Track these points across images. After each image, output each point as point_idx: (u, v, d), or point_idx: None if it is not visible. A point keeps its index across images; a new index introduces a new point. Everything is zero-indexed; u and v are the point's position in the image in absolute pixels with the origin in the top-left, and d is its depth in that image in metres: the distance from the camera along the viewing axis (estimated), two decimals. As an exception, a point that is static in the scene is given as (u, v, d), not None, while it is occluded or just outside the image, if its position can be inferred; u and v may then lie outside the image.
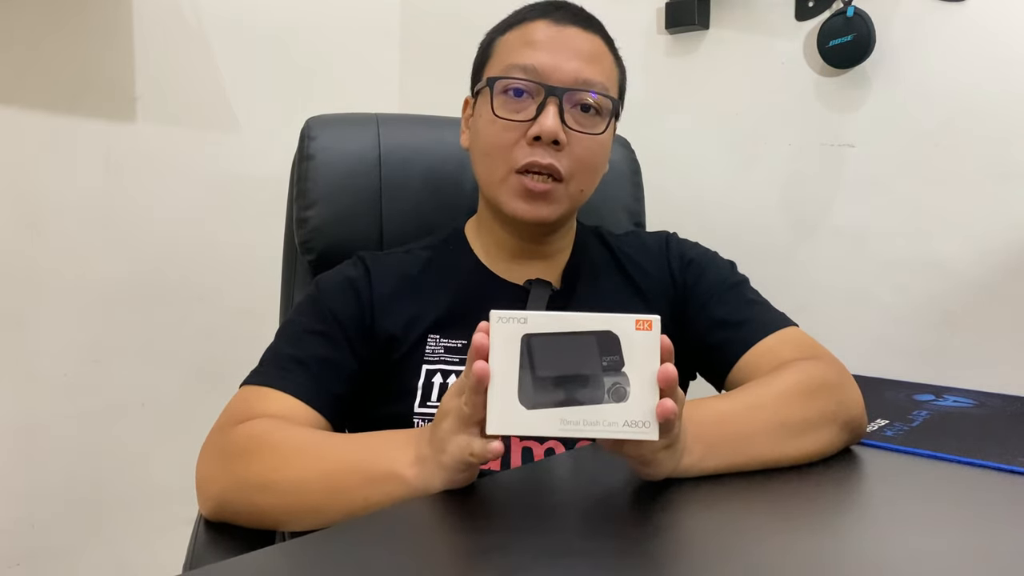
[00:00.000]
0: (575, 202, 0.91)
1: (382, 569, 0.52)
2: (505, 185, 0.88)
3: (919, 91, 1.23)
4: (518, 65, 0.87)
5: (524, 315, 0.57)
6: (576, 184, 0.89)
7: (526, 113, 0.86)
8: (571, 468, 0.74)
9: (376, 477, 0.65)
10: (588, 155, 0.88)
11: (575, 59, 0.87)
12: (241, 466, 0.71)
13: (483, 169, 0.91)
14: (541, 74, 0.86)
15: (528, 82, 0.86)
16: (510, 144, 0.87)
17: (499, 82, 0.87)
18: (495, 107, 0.87)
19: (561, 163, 0.86)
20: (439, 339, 0.88)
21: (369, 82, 1.85)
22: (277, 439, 0.72)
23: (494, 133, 0.88)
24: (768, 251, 1.38)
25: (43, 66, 1.40)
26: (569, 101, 0.86)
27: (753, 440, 0.70)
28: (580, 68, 0.87)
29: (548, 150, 0.86)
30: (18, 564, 1.43)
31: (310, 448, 0.71)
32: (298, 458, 0.70)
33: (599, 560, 0.53)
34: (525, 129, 0.86)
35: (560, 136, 0.85)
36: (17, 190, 1.39)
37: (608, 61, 0.91)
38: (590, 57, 0.88)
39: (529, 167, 0.86)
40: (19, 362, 1.41)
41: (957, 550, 0.57)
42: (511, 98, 0.87)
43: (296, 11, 1.70)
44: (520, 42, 0.89)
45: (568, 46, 0.87)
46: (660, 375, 0.57)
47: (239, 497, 0.71)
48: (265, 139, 1.62)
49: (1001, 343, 1.17)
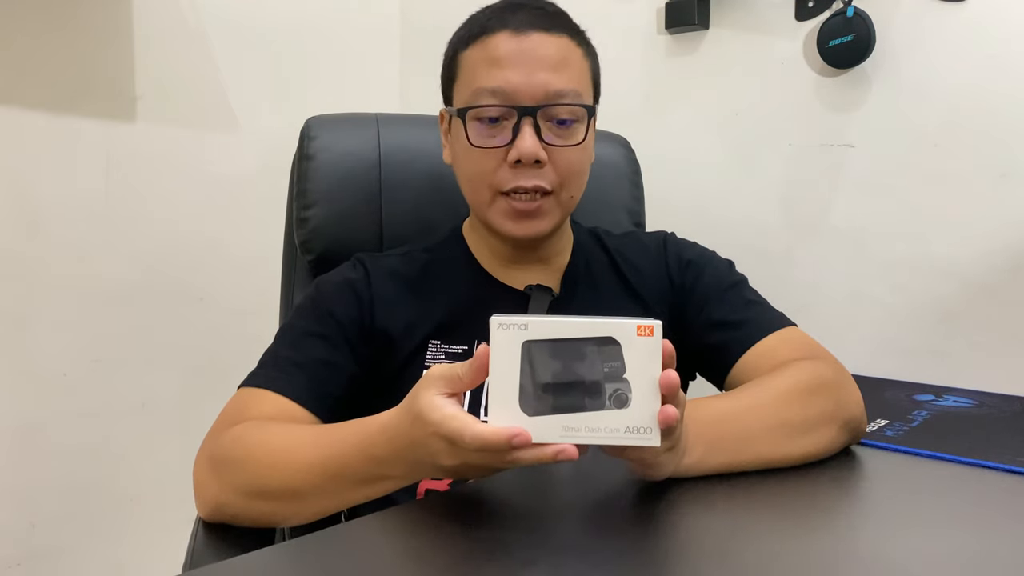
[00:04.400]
0: (567, 209, 0.90)
1: (382, 569, 0.52)
2: (493, 207, 0.88)
3: (919, 91, 1.23)
4: (486, 90, 0.84)
5: (525, 321, 0.57)
6: (565, 193, 0.88)
7: (502, 137, 0.85)
8: (571, 468, 0.74)
9: (370, 479, 0.66)
10: (572, 165, 0.87)
11: (542, 71, 0.84)
12: (232, 472, 0.72)
13: (469, 192, 0.91)
14: (510, 95, 0.83)
15: (499, 107, 0.84)
16: (492, 170, 0.86)
17: (470, 112, 0.85)
18: (470, 137, 0.86)
19: (546, 179, 0.85)
20: (440, 344, 0.88)
21: (369, 82, 1.85)
22: (270, 441, 0.72)
23: (474, 161, 0.87)
24: (768, 251, 1.38)
25: (43, 66, 1.40)
26: (543, 117, 0.84)
27: (753, 440, 0.71)
28: (549, 80, 0.84)
29: (531, 171, 0.84)
30: (18, 564, 1.43)
31: (302, 448, 0.70)
32: (292, 460, 0.69)
33: (599, 560, 0.53)
34: (504, 153, 0.85)
35: (540, 155, 0.84)
36: (17, 190, 1.39)
37: (576, 59, 0.88)
38: (557, 64, 0.85)
39: (515, 191, 0.85)
40: (19, 362, 1.41)
41: (957, 550, 0.57)
42: (485, 125, 0.85)
43: (296, 11, 1.70)
44: (483, 60, 0.85)
45: (533, 58, 0.84)
46: (662, 381, 0.57)
47: (234, 502, 0.72)
48: (265, 139, 1.62)
49: (1001, 343, 1.17)
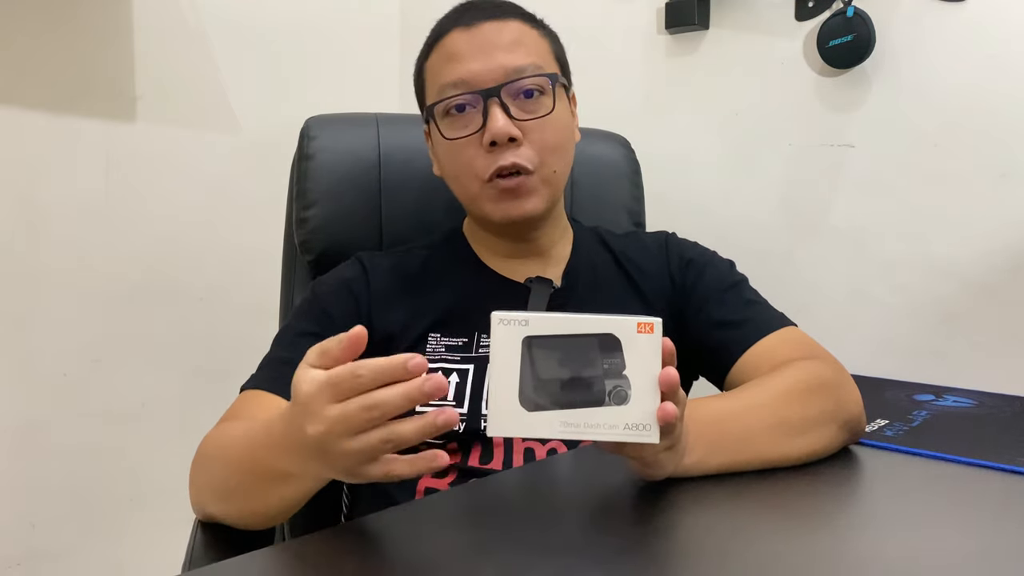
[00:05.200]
0: (554, 186, 0.91)
1: (382, 569, 0.52)
2: (482, 197, 0.89)
3: (919, 91, 1.23)
4: (448, 84, 0.87)
5: (525, 317, 0.57)
6: (547, 168, 0.89)
7: (474, 124, 0.86)
8: (572, 467, 0.75)
9: (277, 477, 0.63)
10: (548, 137, 0.88)
11: (497, 53, 0.86)
12: (202, 472, 0.75)
13: (459, 191, 0.92)
14: (471, 83, 0.86)
15: (462, 95, 0.86)
16: (471, 159, 0.87)
17: (437, 107, 0.88)
18: (443, 131, 0.88)
19: (524, 157, 0.86)
20: (439, 337, 0.88)
21: (369, 82, 1.85)
22: (224, 443, 0.73)
23: (453, 154, 0.89)
24: (768, 251, 1.38)
25: (43, 66, 1.40)
26: (508, 94, 0.86)
27: (753, 439, 0.71)
28: (505, 59, 0.86)
29: (507, 150, 0.86)
30: (18, 564, 1.43)
31: (233, 450, 0.70)
32: (228, 463, 0.70)
33: (599, 559, 0.53)
34: (479, 139, 0.86)
35: (513, 132, 0.85)
36: (17, 190, 1.39)
37: (531, 39, 0.90)
38: (511, 45, 0.87)
39: (497, 173, 0.86)
40: (19, 362, 1.41)
41: (957, 550, 0.57)
42: (455, 116, 0.88)
43: (296, 11, 1.70)
44: (442, 61, 0.89)
45: (486, 44, 0.87)
46: (662, 378, 0.57)
47: (208, 501, 0.74)
48: (265, 139, 1.62)
49: (1001, 343, 1.17)
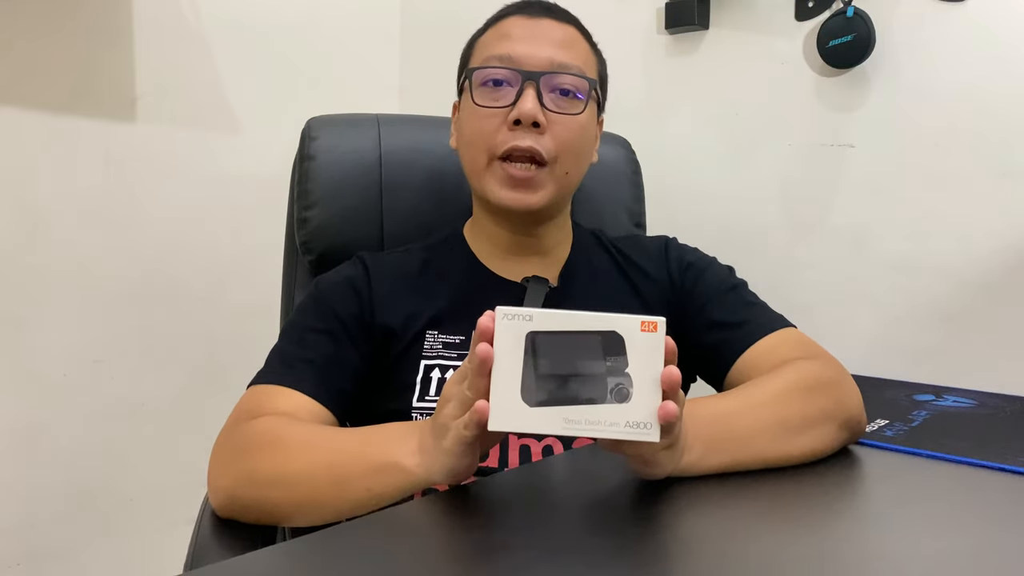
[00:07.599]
0: (562, 187, 0.91)
1: (382, 569, 0.52)
2: (489, 173, 0.90)
3: (919, 91, 1.23)
4: (495, 56, 0.89)
5: (530, 313, 0.57)
6: (561, 167, 0.90)
7: (505, 100, 0.88)
8: (570, 467, 0.74)
9: (379, 467, 0.67)
10: (570, 136, 0.89)
11: (549, 46, 0.89)
12: (251, 461, 0.73)
13: (468, 159, 0.93)
14: (516, 61, 0.88)
15: (505, 69, 0.88)
16: (492, 131, 0.88)
17: (477, 72, 0.90)
18: (475, 97, 0.90)
19: (542, 145, 0.87)
20: (437, 335, 0.89)
21: (369, 82, 1.85)
22: (285, 434, 0.74)
23: (476, 121, 0.90)
24: (768, 251, 1.38)
25: (43, 66, 1.40)
26: (547, 85, 0.88)
27: (753, 439, 0.71)
28: (554, 53, 0.89)
29: (529, 133, 0.87)
30: (18, 564, 1.43)
31: (316, 442, 0.72)
32: (304, 452, 0.71)
33: (599, 559, 0.53)
34: (506, 115, 0.88)
35: (539, 117, 0.86)
36: (17, 190, 1.39)
37: (583, 47, 0.94)
38: (563, 43, 0.91)
39: (511, 152, 0.87)
40: (19, 362, 1.41)
41: (957, 550, 0.57)
42: (491, 88, 0.89)
43: (296, 11, 1.70)
44: (495, 37, 0.92)
45: (542, 35, 0.90)
46: (664, 377, 0.57)
47: (248, 491, 0.72)
48: (265, 139, 1.62)
49: (1001, 343, 1.17)
